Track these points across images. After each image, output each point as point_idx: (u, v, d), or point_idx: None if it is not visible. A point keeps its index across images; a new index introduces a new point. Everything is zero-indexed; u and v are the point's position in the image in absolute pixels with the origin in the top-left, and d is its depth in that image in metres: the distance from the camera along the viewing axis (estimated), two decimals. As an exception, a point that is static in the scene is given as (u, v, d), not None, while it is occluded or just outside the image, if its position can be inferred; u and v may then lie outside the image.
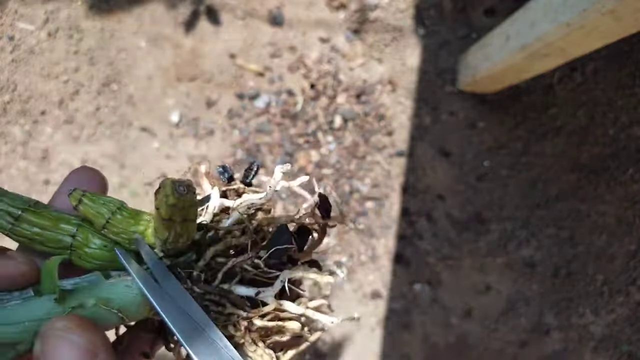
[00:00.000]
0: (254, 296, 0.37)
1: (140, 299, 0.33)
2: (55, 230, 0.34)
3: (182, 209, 0.31)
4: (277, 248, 0.38)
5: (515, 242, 1.43)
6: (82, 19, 1.45)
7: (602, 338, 1.40)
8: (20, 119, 1.41)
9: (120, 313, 0.32)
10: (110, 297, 0.32)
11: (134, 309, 0.33)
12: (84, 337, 0.28)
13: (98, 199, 0.35)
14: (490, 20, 1.46)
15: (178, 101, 1.45)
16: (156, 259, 0.36)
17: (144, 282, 0.34)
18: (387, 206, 1.44)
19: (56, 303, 0.30)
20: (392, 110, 1.46)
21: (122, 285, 0.33)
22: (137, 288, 0.33)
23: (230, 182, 0.43)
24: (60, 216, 0.35)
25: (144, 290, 0.34)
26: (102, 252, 0.35)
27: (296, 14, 1.48)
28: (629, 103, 1.43)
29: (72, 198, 0.34)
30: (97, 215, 0.34)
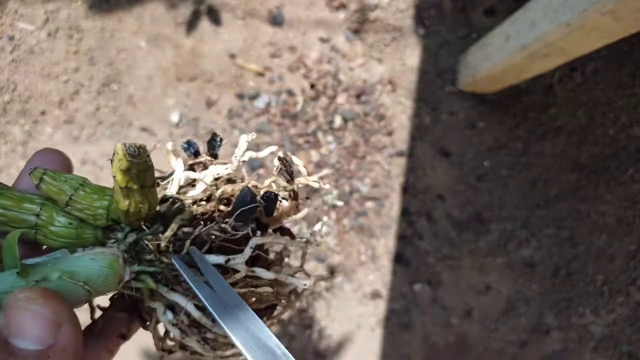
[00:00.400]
0: (224, 264, 0.37)
1: (107, 270, 0.33)
2: (18, 209, 0.34)
3: (137, 173, 0.31)
4: (242, 210, 0.38)
5: (515, 242, 1.43)
6: (82, 19, 1.45)
7: (602, 338, 1.40)
8: (20, 119, 1.41)
9: (87, 285, 0.31)
10: (74, 270, 0.32)
11: (101, 281, 0.32)
12: (47, 307, 0.28)
13: (59, 176, 0.34)
14: (490, 20, 1.46)
15: (178, 101, 1.45)
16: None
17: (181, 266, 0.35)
18: (387, 206, 1.44)
19: (18, 277, 0.30)
20: (392, 110, 1.46)
21: (86, 258, 0.33)
22: (103, 260, 0.33)
23: (197, 156, 0.43)
24: (24, 196, 0.34)
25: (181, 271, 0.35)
26: (67, 230, 0.35)
27: (296, 14, 1.48)
28: (629, 103, 1.43)
29: (34, 177, 0.34)
30: (60, 193, 0.34)
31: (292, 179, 0.41)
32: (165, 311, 0.37)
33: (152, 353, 1.33)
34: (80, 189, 0.35)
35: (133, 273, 0.36)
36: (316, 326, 1.40)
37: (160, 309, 0.37)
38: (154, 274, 0.37)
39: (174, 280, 0.37)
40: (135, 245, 0.36)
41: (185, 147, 0.43)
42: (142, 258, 0.36)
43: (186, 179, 0.40)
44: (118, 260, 0.33)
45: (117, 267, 0.33)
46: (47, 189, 0.34)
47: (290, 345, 1.39)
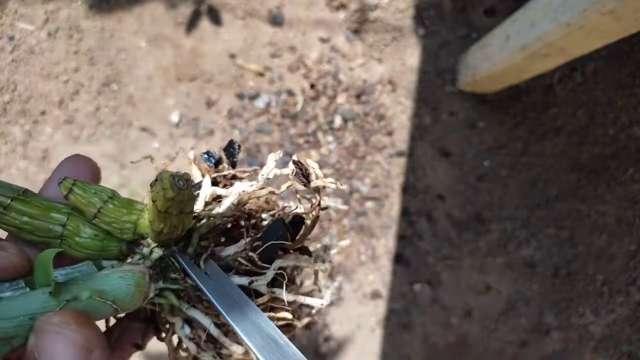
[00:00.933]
0: (247, 285, 0.37)
1: (134, 289, 0.33)
2: (45, 219, 0.34)
3: (179, 202, 0.31)
4: (272, 243, 0.38)
5: (515, 242, 1.43)
6: (82, 19, 1.45)
7: (602, 338, 1.40)
8: (20, 119, 1.41)
9: (115, 304, 0.32)
10: (104, 289, 0.32)
11: (128, 299, 0.32)
12: (79, 332, 0.28)
13: (89, 187, 0.34)
14: (490, 20, 1.46)
15: (178, 101, 1.45)
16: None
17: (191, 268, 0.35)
18: (387, 206, 1.44)
19: (51, 297, 0.30)
20: (392, 110, 1.46)
21: (116, 276, 0.33)
22: (132, 277, 0.33)
23: (218, 166, 0.43)
24: (51, 205, 0.34)
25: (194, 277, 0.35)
26: (93, 242, 0.35)
27: (296, 14, 1.48)
28: (629, 103, 1.43)
29: (63, 187, 0.34)
30: (88, 205, 0.34)
31: (308, 182, 0.41)
32: (184, 326, 0.38)
33: (153, 354, 1.33)
34: (109, 202, 0.34)
35: (157, 289, 0.36)
36: (316, 326, 1.40)
37: (178, 323, 0.38)
38: (178, 291, 0.37)
39: (196, 299, 0.37)
40: (160, 261, 0.36)
41: (206, 157, 0.42)
42: (166, 275, 0.36)
43: (212, 195, 0.40)
44: (145, 277, 0.34)
45: (143, 284, 0.33)
46: (75, 200, 0.34)
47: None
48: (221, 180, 0.42)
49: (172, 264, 0.36)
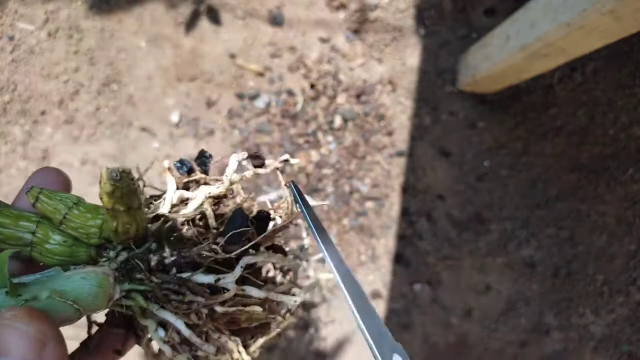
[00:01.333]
0: (214, 283, 0.37)
1: (97, 289, 0.33)
2: (15, 227, 0.34)
3: (121, 196, 0.32)
4: (233, 232, 0.38)
5: (515, 242, 1.43)
6: (82, 19, 1.45)
7: (602, 338, 1.40)
8: (20, 119, 1.41)
9: (76, 304, 0.32)
10: (64, 289, 0.32)
11: (91, 300, 0.33)
12: (32, 326, 0.28)
13: (55, 195, 0.35)
14: (490, 20, 1.46)
15: (178, 101, 1.45)
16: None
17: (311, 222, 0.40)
18: (387, 206, 1.44)
19: (7, 296, 0.30)
20: (392, 110, 1.46)
21: (77, 277, 0.33)
22: (94, 279, 0.33)
23: (190, 174, 0.43)
24: (21, 214, 0.35)
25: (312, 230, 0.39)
26: (62, 248, 0.35)
27: (296, 14, 1.48)
28: (629, 103, 1.43)
29: (30, 195, 0.35)
30: (54, 212, 0.35)
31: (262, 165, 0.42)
32: (157, 328, 0.38)
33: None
34: (74, 208, 0.35)
35: (124, 291, 0.36)
36: (316, 326, 1.40)
37: (151, 326, 0.38)
38: (145, 292, 0.37)
39: (164, 299, 0.37)
40: (126, 263, 0.36)
41: (178, 165, 0.43)
42: (132, 276, 0.36)
43: (179, 198, 0.41)
44: (108, 278, 0.34)
45: (107, 285, 0.34)
46: (42, 208, 0.35)
47: (290, 346, 1.39)
48: (192, 186, 0.43)
49: (137, 265, 0.36)
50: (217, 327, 0.39)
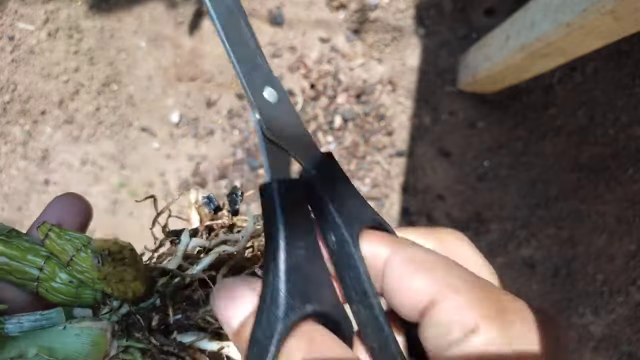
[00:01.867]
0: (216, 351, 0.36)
1: (90, 348, 0.32)
2: (22, 261, 0.33)
3: (111, 274, 0.30)
4: None
5: (515, 242, 1.43)
6: (82, 19, 1.45)
7: (602, 338, 1.40)
8: (20, 119, 1.41)
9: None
10: (54, 347, 0.31)
11: (82, 358, 0.31)
12: None
13: (65, 234, 0.34)
14: (490, 20, 1.46)
15: (178, 101, 1.45)
16: None
17: None
18: (387, 206, 1.44)
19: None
20: (392, 110, 1.46)
21: (71, 333, 0.32)
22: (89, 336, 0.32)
23: (217, 212, 0.41)
24: (31, 247, 0.34)
25: None
26: (67, 288, 0.34)
27: (296, 14, 1.48)
28: (629, 103, 1.43)
29: (40, 231, 0.34)
30: (62, 252, 0.34)
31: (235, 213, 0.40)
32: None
33: None
34: (82, 251, 0.34)
35: (122, 347, 0.35)
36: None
37: None
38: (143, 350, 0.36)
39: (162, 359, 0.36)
40: (127, 317, 0.35)
41: (206, 202, 0.41)
42: (131, 333, 0.35)
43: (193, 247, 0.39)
44: (105, 335, 0.33)
45: (101, 343, 0.32)
46: (50, 246, 0.34)
47: (290, 345, 1.39)
48: (217, 228, 0.41)
49: (138, 321, 0.35)
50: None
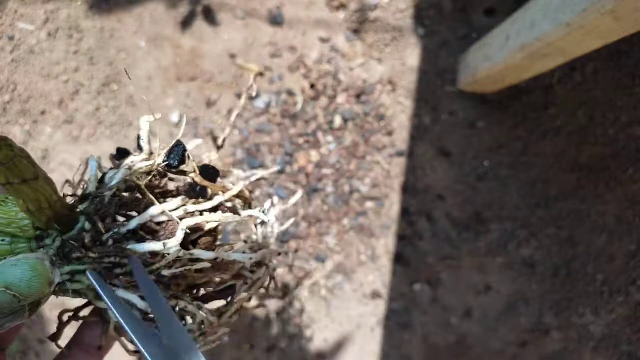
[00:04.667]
0: (157, 250, 0.37)
1: (30, 274, 0.32)
2: None
3: (2, 165, 0.31)
4: (175, 146, 0.39)
5: (515, 242, 1.43)
6: (82, 19, 1.45)
7: (602, 338, 1.40)
8: (20, 119, 1.41)
9: (10, 291, 0.31)
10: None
11: (25, 285, 0.32)
12: None
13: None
14: (490, 20, 1.46)
15: (178, 101, 1.45)
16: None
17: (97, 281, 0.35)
18: (387, 206, 1.44)
19: None
20: (392, 110, 1.46)
21: (7, 265, 0.32)
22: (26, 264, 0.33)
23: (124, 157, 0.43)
24: None
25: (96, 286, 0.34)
26: (1, 247, 0.35)
27: (296, 14, 1.48)
28: (629, 103, 1.43)
29: None
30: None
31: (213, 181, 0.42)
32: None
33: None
34: (1, 205, 0.35)
35: (67, 275, 0.36)
36: (316, 326, 1.40)
37: (112, 314, 0.37)
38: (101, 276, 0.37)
39: (109, 275, 0.37)
40: (63, 247, 0.36)
41: (117, 156, 0.43)
42: (70, 258, 0.36)
43: (109, 179, 0.41)
44: (43, 262, 0.33)
45: (41, 269, 0.33)
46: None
47: (290, 345, 1.39)
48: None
49: (74, 246, 0.36)
50: (173, 294, 0.39)
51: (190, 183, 0.42)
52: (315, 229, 1.42)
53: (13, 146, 0.31)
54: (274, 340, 1.38)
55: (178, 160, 0.39)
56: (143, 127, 0.42)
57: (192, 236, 0.40)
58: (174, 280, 0.39)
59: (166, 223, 0.39)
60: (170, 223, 0.39)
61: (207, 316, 0.41)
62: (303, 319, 1.40)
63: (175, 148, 0.40)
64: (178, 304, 0.39)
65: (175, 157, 0.39)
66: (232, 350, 1.37)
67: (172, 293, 0.39)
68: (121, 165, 0.42)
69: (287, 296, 1.38)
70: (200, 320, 0.41)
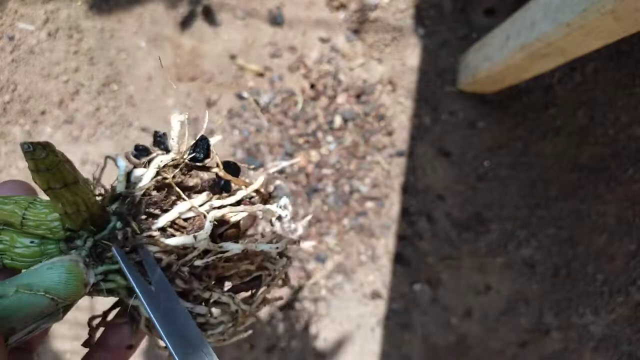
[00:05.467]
0: (188, 243, 0.37)
1: (66, 276, 0.33)
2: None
3: (49, 172, 0.31)
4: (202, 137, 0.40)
5: (515, 242, 1.43)
6: (82, 19, 1.45)
7: (602, 338, 1.40)
8: (20, 119, 1.41)
9: (49, 294, 0.32)
10: (32, 282, 0.32)
11: (62, 287, 0.32)
12: None
13: (9, 200, 0.35)
14: (490, 20, 1.46)
15: (178, 101, 1.45)
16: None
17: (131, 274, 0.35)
18: (387, 206, 1.44)
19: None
20: (392, 110, 1.46)
21: (44, 268, 0.33)
22: (61, 266, 0.33)
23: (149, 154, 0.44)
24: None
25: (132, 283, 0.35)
26: (31, 249, 0.35)
27: (296, 14, 1.48)
28: (629, 103, 1.43)
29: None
30: (12, 215, 0.34)
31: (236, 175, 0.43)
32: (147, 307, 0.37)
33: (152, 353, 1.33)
34: (31, 207, 0.35)
35: (101, 275, 0.36)
36: (316, 326, 1.40)
37: (142, 306, 0.37)
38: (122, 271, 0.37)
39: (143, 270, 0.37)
40: (95, 248, 0.36)
41: (136, 154, 0.44)
42: (104, 258, 0.36)
43: (136, 177, 0.41)
44: (78, 264, 0.34)
45: (76, 271, 0.33)
46: (0, 215, 0.34)
47: (289, 345, 1.39)
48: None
49: (105, 245, 0.36)
50: (206, 286, 0.39)
51: (213, 178, 0.42)
52: (315, 229, 1.42)
53: (56, 152, 0.31)
54: (274, 340, 1.38)
55: (204, 153, 0.40)
56: (174, 126, 0.42)
57: (218, 230, 0.41)
58: (204, 271, 0.39)
59: (193, 218, 0.39)
60: (197, 218, 0.39)
61: (240, 305, 0.41)
62: (303, 319, 1.40)
63: (200, 142, 0.41)
64: (212, 296, 0.40)
65: (200, 150, 0.40)
66: (232, 350, 1.37)
67: (205, 285, 0.39)
68: (147, 163, 0.42)
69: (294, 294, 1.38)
70: (235, 309, 0.41)
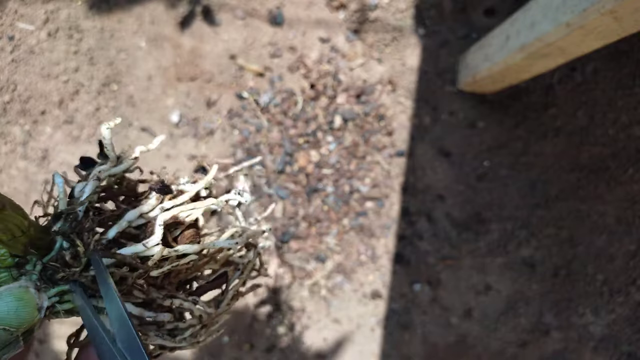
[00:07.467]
0: (139, 253, 0.36)
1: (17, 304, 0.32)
2: None
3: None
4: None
5: (515, 242, 1.43)
6: (82, 19, 1.45)
7: (602, 338, 1.40)
8: (20, 119, 1.41)
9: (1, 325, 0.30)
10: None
11: (14, 315, 0.31)
12: None
13: None
14: (490, 20, 1.46)
15: (178, 101, 1.45)
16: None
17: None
18: (387, 206, 1.44)
19: None
20: (392, 110, 1.46)
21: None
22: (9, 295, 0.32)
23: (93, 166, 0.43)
24: None
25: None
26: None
27: (296, 14, 1.48)
28: (629, 103, 1.43)
29: None
30: None
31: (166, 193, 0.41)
32: None
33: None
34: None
35: (55, 297, 0.35)
36: (316, 326, 1.40)
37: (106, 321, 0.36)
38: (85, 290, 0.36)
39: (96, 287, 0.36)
40: (45, 271, 0.35)
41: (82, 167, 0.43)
42: (55, 279, 0.35)
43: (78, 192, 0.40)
44: (28, 290, 0.33)
45: (27, 297, 0.32)
46: None
47: (290, 345, 1.39)
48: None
49: (55, 267, 0.35)
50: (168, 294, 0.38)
51: (162, 180, 0.41)
52: (315, 229, 1.42)
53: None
54: (274, 340, 1.38)
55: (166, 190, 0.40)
56: (105, 135, 0.40)
57: (174, 232, 0.40)
58: (165, 279, 0.38)
59: (145, 225, 0.38)
60: (149, 224, 0.38)
61: (204, 309, 0.41)
62: (303, 319, 1.40)
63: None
64: (173, 303, 0.39)
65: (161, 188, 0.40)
66: (232, 350, 1.37)
67: (166, 292, 0.38)
68: (88, 176, 0.41)
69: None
70: (199, 314, 0.41)
